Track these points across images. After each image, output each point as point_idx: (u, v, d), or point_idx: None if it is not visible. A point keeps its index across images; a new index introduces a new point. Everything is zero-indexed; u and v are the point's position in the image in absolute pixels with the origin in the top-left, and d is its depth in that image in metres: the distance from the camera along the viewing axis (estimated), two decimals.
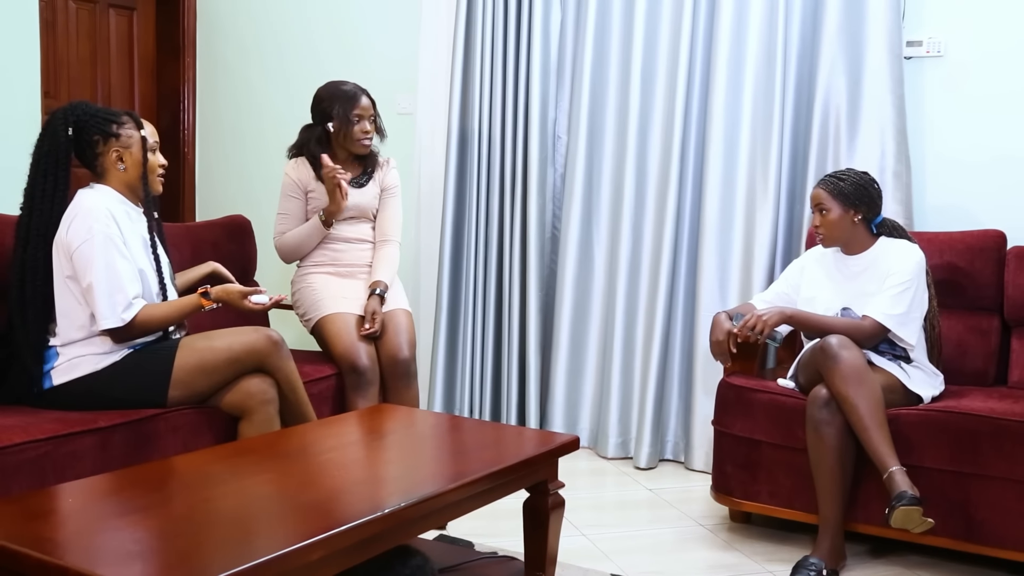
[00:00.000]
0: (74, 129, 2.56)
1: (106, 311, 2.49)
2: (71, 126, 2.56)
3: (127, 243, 2.56)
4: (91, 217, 2.49)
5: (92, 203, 2.53)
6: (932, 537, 2.67)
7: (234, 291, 2.70)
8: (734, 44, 3.67)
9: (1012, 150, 3.40)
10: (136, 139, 2.62)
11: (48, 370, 2.54)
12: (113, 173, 2.61)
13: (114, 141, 2.59)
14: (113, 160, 2.60)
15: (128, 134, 2.61)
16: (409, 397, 3.24)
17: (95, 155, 2.60)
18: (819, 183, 2.97)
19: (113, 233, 2.51)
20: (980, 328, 3.17)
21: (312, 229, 3.35)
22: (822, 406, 2.69)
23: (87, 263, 2.48)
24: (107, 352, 2.55)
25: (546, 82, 4.03)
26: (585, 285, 4.03)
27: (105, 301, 2.48)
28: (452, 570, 2.30)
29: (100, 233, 2.48)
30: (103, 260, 2.48)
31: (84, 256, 2.48)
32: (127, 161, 2.61)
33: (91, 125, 2.57)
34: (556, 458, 2.29)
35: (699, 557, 2.86)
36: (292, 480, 1.97)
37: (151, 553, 1.55)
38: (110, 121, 2.60)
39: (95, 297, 2.48)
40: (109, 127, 2.59)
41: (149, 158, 2.65)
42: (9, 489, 2.15)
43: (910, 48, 3.52)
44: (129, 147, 2.61)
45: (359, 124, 3.35)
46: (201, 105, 4.93)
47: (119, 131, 2.60)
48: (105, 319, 2.49)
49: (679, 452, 3.88)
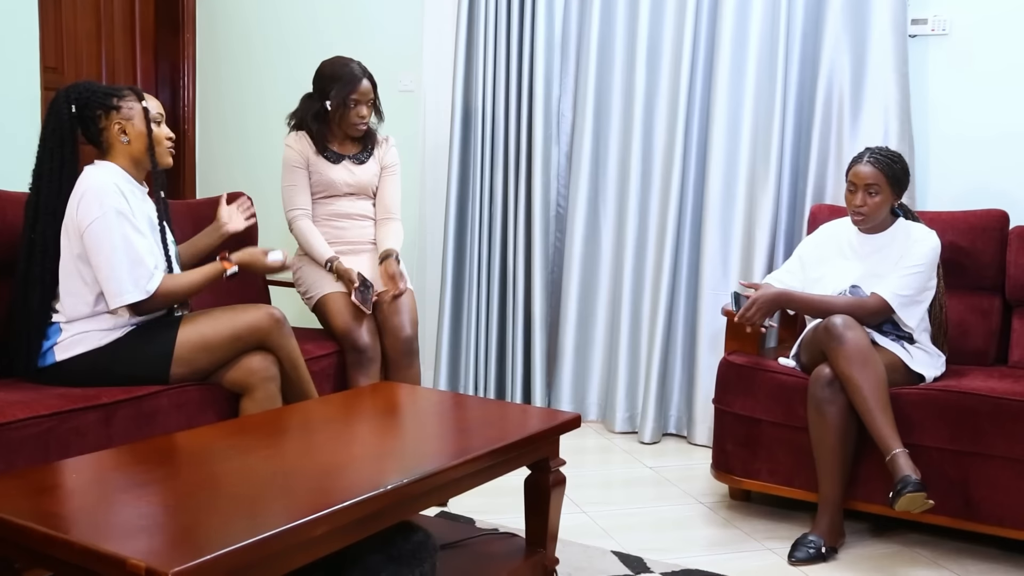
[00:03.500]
0: (77, 106, 2.56)
1: (128, 285, 2.49)
2: (73, 103, 2.56)
3: (138, 217, 2.56)
4: (101, 193, 2.49)
5: (99, 180, 2.52)
6: (931, 515, 2.68)
7: (255, 251, 2.77)
8: (738, 22, 3.66)
9: (1016, 128, 3.39)
10: (137, 110, 2.62)
11: (51, 346, 2.54)
12: (117, 147, 2.61)
13: (115, 114, 2.59)
14: (116, 133, 2.60)
15: (129, 106, 2.61)
16: (411, 375, 3.25)
17: (98, 130, 2.60)
18: (870, 161, 2.84)
19: (124, 208, 2.51)
20: (981, 308, 3.17)
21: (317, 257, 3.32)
22: (825, 385, 2.69)
23: (102, 239, 2.47)
24: (110, 329, 2.55)
25: (550, 60, 4.02)
26: (592, 262, 4.05)
27: (126, 275, 2.49)
28: (453, 546, 2.31)
29: (112, 208, 2.48)
30: (119, 234, 2.48)
31: (97, 233, 2.47)
32: (130, 133, 2.61)
33: (93, 101, 2.58)
34: (557, 435, 2.29)
35: (699, 534, 2.87)
36: (294, 457, 1.98)
37: (154, 528, 1.56)
38: (111, 95, 2.60)
39: (114, 272, 2.48)
40: (110, 100, 2.59)
41: (154, 130, 2.65)
42: (12, 465, 2.16)
43: (915, 26, 3.50)
44: (131, 119, 2.61)
45: (355, 108, 3.34)
46: (201, 81, 4.90)
47: (120, 104, 2.60)
48: (127, 293, 2.50)
49: (682, 427, 3.93)
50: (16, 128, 3.47)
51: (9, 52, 3.50)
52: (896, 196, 2.89)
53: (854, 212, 2.89)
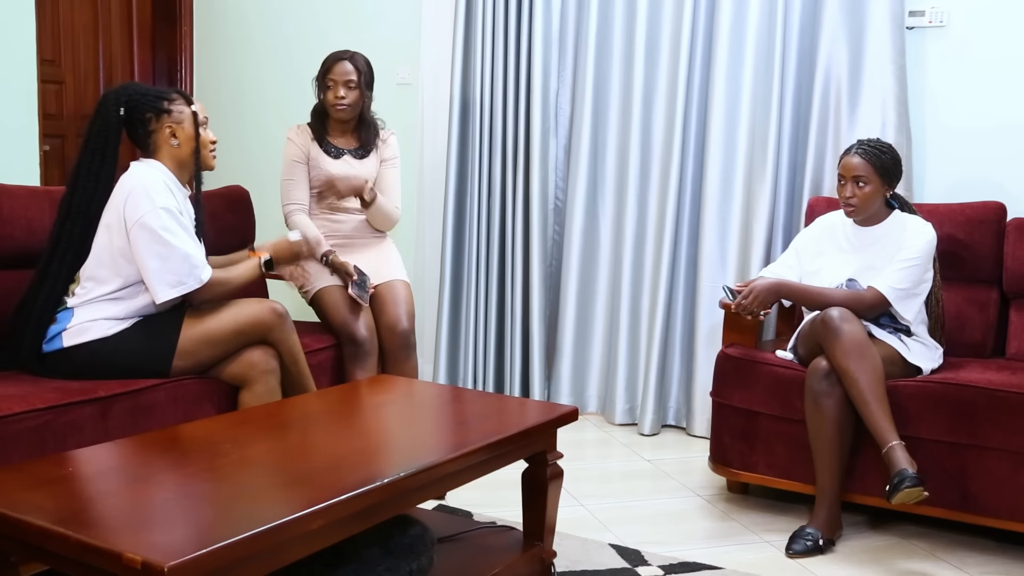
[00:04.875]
0: (126, 109, 2.58)
1: (180, 277, 2.52)
2: (123, 106, 2.58)
3: (184, 215, 2.60)
4: (151, 189, 2.51)
5: (150, 177, 2.54)
6: (928, 507, 2.68)
7: (279, 240, 2.85)
8: (736, 14, 3.65)
9: (1013, 120, 3.39)
10: (187, 115, 2.64)
11: (59, 331, 2.55)
12: (166, 149, 2.62)
13: (166, 117, 2.61)
14: (167, 136, 2.61)
15: (179, 110, 2.63)
16: (408, 368, 3.25)
17: (148, 132, 2.61)
18: (858, 153, 2.85)
19: (172, 205, 2.54)
20: (979, 300, 3.17)
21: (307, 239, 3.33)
22: (822, 378, 2.69)
23: (153, 235, 2.49)
24: (119, 319, 2.57)
25: (547, 53, 4.01)
26: (591, 255, 4.06)
27: (178, 267, 2.52)
28: (451, 539, 2.31)
29: (162, 204, 2.51)
30: (171, 228, 2.51)
31: (149, 228, 2.49)
32: (180, 137, 2.62)
33: (143, 103, 2.59)
34: (555, 429, 2.29)
35: (697, 527, 2.88)
36: (292, 450, 1.98)
37: (151, 522, 1.56)
38: (161, 98, 2.62)
39: (166, 265, 2.50)
40: (161, 104, 2.61)
41: (201, 133, 2.68)
42: (9, 459, 2.16)
43: (912, 18, 3.49)
44: (181, 123, 2.63)
45: (332, 90, 3.35)
46: (199, 74, 4.89)
47: (171, 107, 2.62)
48: (180, 285, 2.53)
49: (681, 418, 3.94)
50: (12, 121, 3.47)
51: (6, 44, 3.49)
52: (887, 186, 2.89)
53: (845, 204, 2.90)
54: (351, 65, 3.34)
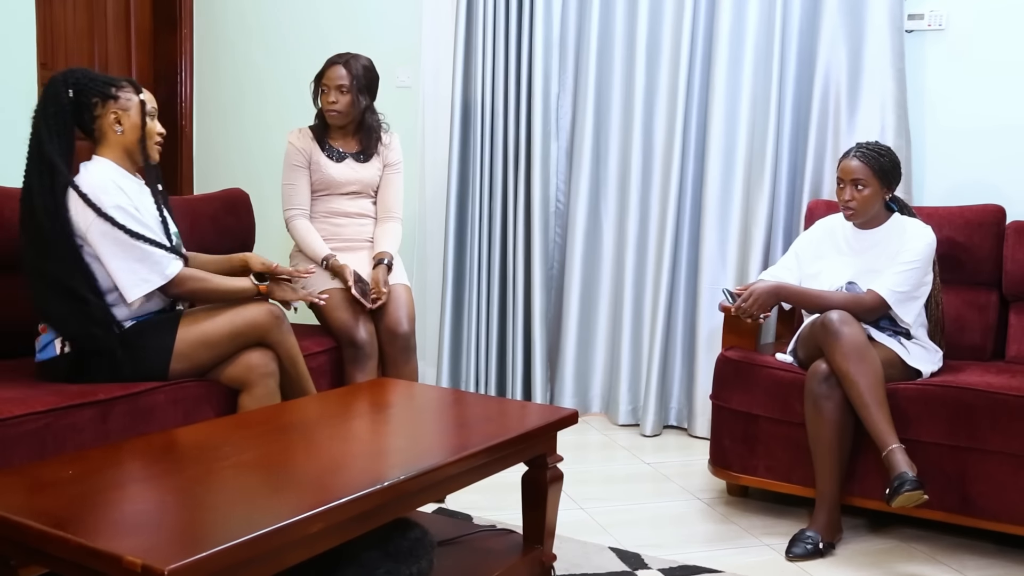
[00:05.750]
0: (74, 91, 2.55)
1: (142, 275, 2.50)
2: (71, 88, 2.55)
3: (140, 210, 2.56)
4: (99, 192, 2.48)
5: (94, 179, 2.51)
6: (928, 510, 2.68)
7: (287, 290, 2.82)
8: (735, 18, 3.66)
9: (1012, 123, 3.39)
10: (135, 103, 2.62)
11: (52, 339, 2.53)
12: (110, 136, 2.60)
13: (112, 103, 2.59)
14: (111, 122, 2.59)
15: (127, 97, 2.61)
16: (408, 371, 3.25)
17: (93, 117, 2.59)
18: (857, 156, 2.86)
19: (124, 202, 2.51)
20: (978, 303, 3.17)
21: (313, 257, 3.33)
22: (822, 380, 2.69)
23: (107, 238, 2.47)
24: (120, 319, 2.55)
25: (548, 57, 4.02)
26: (594, 257, 4.08)
27: (138, 266, 2.49)
28: (451, 543, 2.31)
29: (112, 206, 2.47)
30: (123, 229, 2.48)
31: (102, 232, 2.47)
32: (124, 124, 2.60)
33: (90, 88, 2.57)
34: (555, 432, 2.29)
35: (696, 530, 2.87)
36: (292, 453, 1.98)
37: (150, 525, 1.56)
38: (109, 84, 2.60)
39: (126, 265, 2.49)
40: (108, 89, 2.59)
41: (148, 123, 2.64)
42: (8, 462, 2.16)
43: (911, 21, 3.50)
44: (127, 110, 2.60)
45: (324, 94, 3.35)
46: (199, 77, 4.90)
47: (118, 93, 2.60)
48: (143, 283, 2.50)
49: (682, 419, 3.95)
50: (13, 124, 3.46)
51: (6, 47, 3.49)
52: (886, 189, 2.89)
53: (844, 207, 2.90)
54: (344, 70, 3.33)
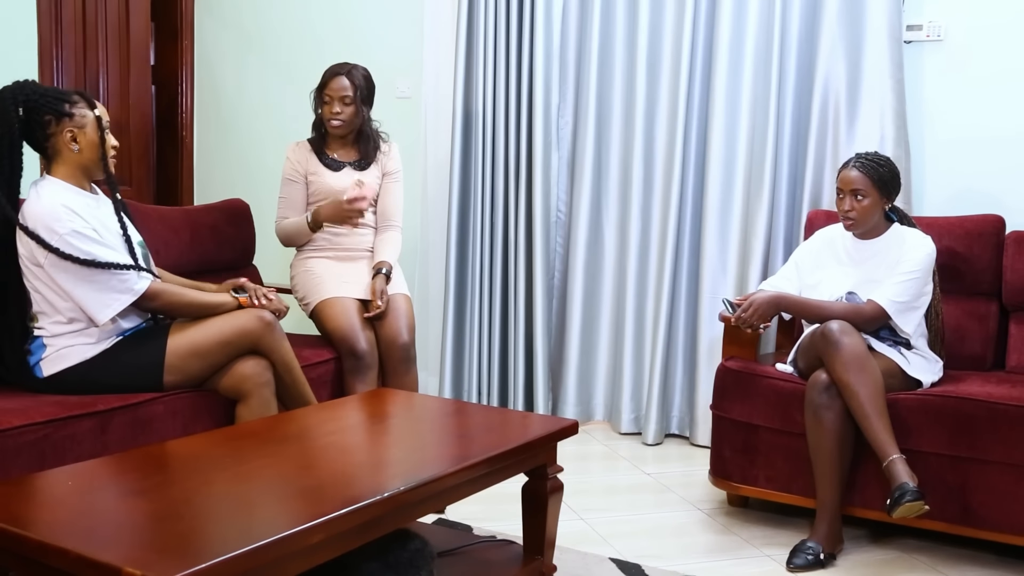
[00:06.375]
0: (24, 109, 2.43)
1: (111, 296, 2.45)
2: (20, 106, 2.43)
3: (98, 230, 2.48)
4: (49, 220, 2.39)
5: (43, 208, 2.41)
6: (929, 521, 2.68)
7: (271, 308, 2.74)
8: (735, 30, 3.68)
9: (1011, 133, 3.40)
10: (90, 119, 2.51)
11: (37, 361, 2.51)
12: (65, 155, 2.50)
13: (67, 121, 2.47)
14: (67, 141, 2.48)
15: (82, 114, 2.50)
16: (408, 381, 3.25)
17: (46, 136, 2.47)
18: (856, 166, 2.86)
19: (78, 225, 2.42)
20: (978, 313, 3.17)
21: (300, 228, 3.36)
22: (822, 391, 2.69)
23: (66, 266, 2.40)
24: (96, 341, 2.51)
25: (549, 69, 4.03)
26: (595, 267, 4.09)
27: (105, 288, 2.45)
28: (451, 553, 2.30)
29: (66, 232, 2.39)
30: (86, 250, 2.41)
31: (58, 262, 2.39)
32: (81, 142, 2.49)
33: (42, 105, 2.44)
34: (555, 442, 2.29)
35: (697, 541, 2.87)
36: (291, 464, 1.97)
37: (150, 536, 1.55)
38: (62, 100, 2.47)
39: (91, 291, 2.43)
40: (62, 107, 2.46)
41: (105, 139, 2.54)
42: (8, 472, 2.16)
43: (910, 32, 3.51)
44: (83, 127, 2.50)
45: (327, 105, 3.36)
46: (199, 88, 4.91)
47: (72, 111, 2.48)
48: (113, 303, 2.46)
49: (684, 428, 3.96)
50: None
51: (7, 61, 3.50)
52: (885, 199, 2.90)
53: (844, 217, 2.91)
54: (347, 80, 3.35)
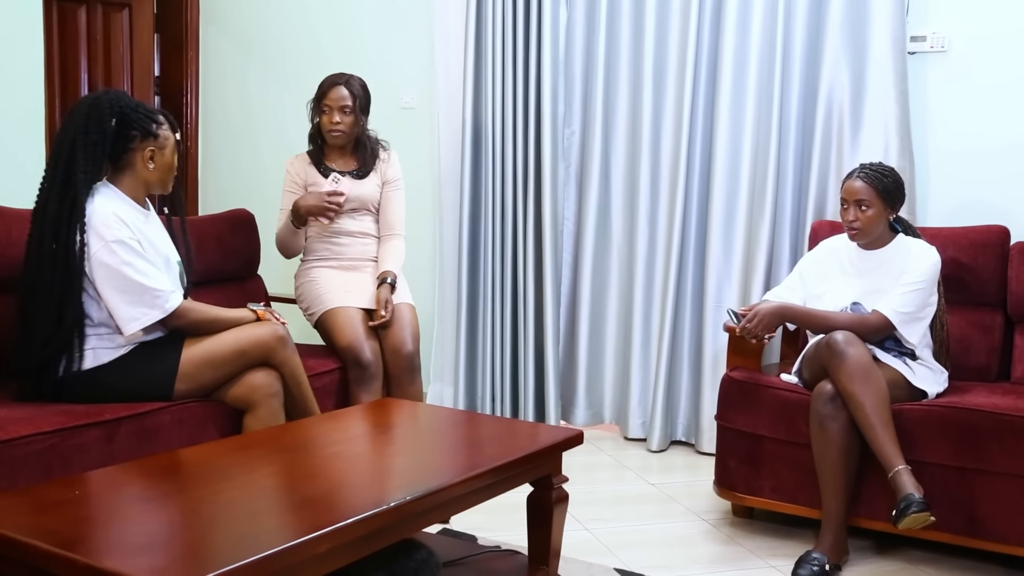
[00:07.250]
0: (117, 121, 2.51)
1: (141, 310, 2.48)
2: (115, 117, 2.51)
3: (143, 243, 2.54)
4: (101, 226, 2.46)
5: (100, 212, 2.48)
6: (935, 532, 2.67)
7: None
8: (739, 42, 3.69)
9: (1015, 144, 3.40)
10: (171, 142, 2.62)
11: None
12: (139, 169, 2.58)
13: (151, 140, 2.56)
14: (145, 157, 2.56)
15: (165, 136, 2.60)
16: (413, 391, 3.25)
17: (126, 148, 2.55)
18: (860, 176, 2.87)
19: (125, 235, 2.49)
20: (983, 324, 3.17)
21: (287, 227, 3.37)
22: (827, 401, 2.69)
23: (107, 271, 2.46)
24: (116, 347, 2.55)
25: (556, 77, 4.05)
26: (603, 276, 4.11)
27: (137, 301, 2.48)
28: (456, 564, 2.30)
29: (113, 238, 2.46)
30: (124, 263, 2.46)
31: (102, 265, 2.45)
32: (157, 162, 2.59)
33: (133, 120, 2.53)
34: (560, 452, 2.29)
35: (702, 552, 2.86)
36: (298, 473, 1.98)
37: (158, 545, 1.56)
38: (151, 120, 2.57)
39: (124, 299, 2.47)
40: (150, 126, 2.56)
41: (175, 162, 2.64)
42: (15, 481, 2.16)
43: (914, 43, 3.51)
44: (163, 148, 2.60)
45: (327, 115, 3.36)
46: (204, 99, 4.92)
47: (158, 131, 2.57)
48: (142, 317, 2.49)
49: (690, 434, 3.96)
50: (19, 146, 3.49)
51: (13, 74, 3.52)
52: (890, 210, 2.90)
53: (848, 227, 2.91)
54: (346, 90, 3.35)
